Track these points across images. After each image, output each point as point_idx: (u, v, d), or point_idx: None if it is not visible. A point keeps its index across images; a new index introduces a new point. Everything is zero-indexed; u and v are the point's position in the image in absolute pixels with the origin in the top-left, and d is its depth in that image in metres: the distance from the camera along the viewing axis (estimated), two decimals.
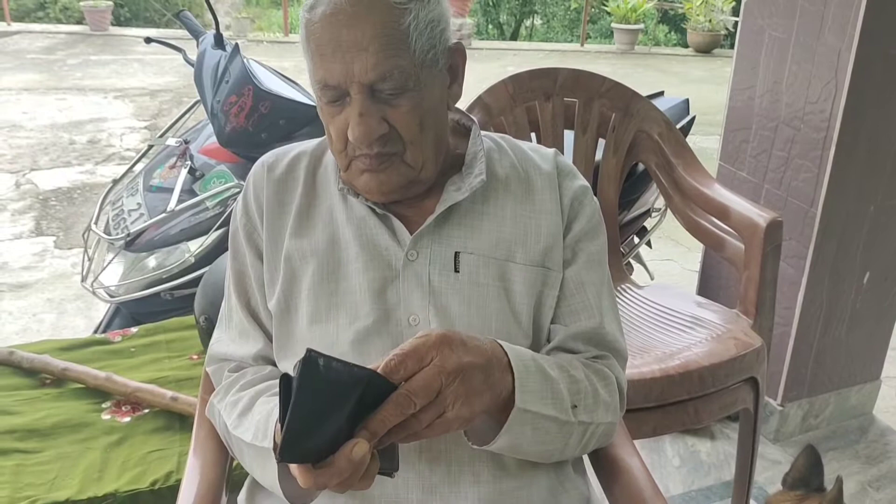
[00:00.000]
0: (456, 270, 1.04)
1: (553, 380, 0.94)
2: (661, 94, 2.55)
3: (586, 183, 1.14)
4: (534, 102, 2.01)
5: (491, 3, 13.16)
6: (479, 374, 0.85)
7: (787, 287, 2.22)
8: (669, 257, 3.85)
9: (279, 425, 0.73)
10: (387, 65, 0.93)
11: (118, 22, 10.66)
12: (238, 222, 1.12)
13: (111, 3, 10.18)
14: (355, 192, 1.06)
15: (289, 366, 1.07)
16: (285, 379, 0.74)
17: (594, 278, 1.09)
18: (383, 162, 0.99)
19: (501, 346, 0.92)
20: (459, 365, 0.82)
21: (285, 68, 2.49)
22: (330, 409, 0.74)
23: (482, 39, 12.15)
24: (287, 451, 0.73)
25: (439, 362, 0.81)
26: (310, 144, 1.15)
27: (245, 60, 2.17)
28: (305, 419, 0.72)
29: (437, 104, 1.02)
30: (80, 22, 10.30)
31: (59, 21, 10.67)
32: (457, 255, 1.05)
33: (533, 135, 2.03)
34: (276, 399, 1.00)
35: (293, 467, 0.78)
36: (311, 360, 0.71)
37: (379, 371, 0.79)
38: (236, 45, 2.22)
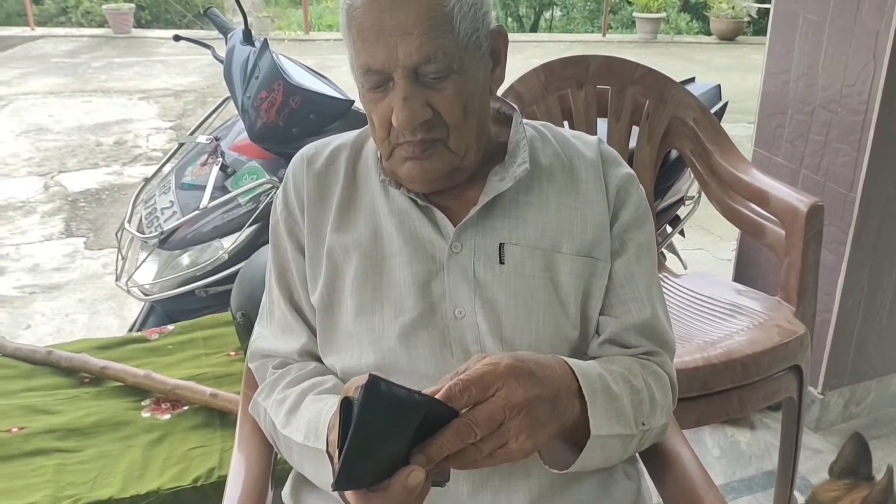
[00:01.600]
0: (501, 262, 1.02)
1: (617, 396, 0.93)
2: (692, 80, 2.51)
3: (631, 171, 1.12)
4: (566, 91, 1.98)
5: None
6: (545, 405, 0.83)
7: (827, 273, 2.18)
8: (701, 246, 3.81)
9: (338, 451, 0.72)
10: (431, 46, 0.92)
11: (139, 24, 10.73)
12: (279, 216, 1.11)
13: (133, 5, 10.26)
14: (397, 184, 1.04)
15: (335, 361, 1.07)
16: (345, 403, 0.73)
17: (643, 269, 1.07)
18: (427, 149, 0.98)
19: (571, 367, 0.89)
20: (526, 399, 0.81)
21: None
22: (390, 435, 0.72)
23: None
24: (344, 478, 0.71)
25: (505, 395, 0.79)
26: (349, 136, 1.14)
27: (274, 55, 2.16)
28: (365, 445, 0.70)
29: (480, 89, 1.00)
30: (102, 25, 10.39)
31: (81, 25, 10.76)
32: (501, 246, 1.03)
33: (566, 123, 2.00)
34: (326, 397, 0.99)
35: (347, 493, 0.77)
36: (373, 385, 0.69)
37: (441, 394, 0.77)
38: (265, 40, 2.21)
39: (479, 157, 1.04)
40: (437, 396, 0.77)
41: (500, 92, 1.38)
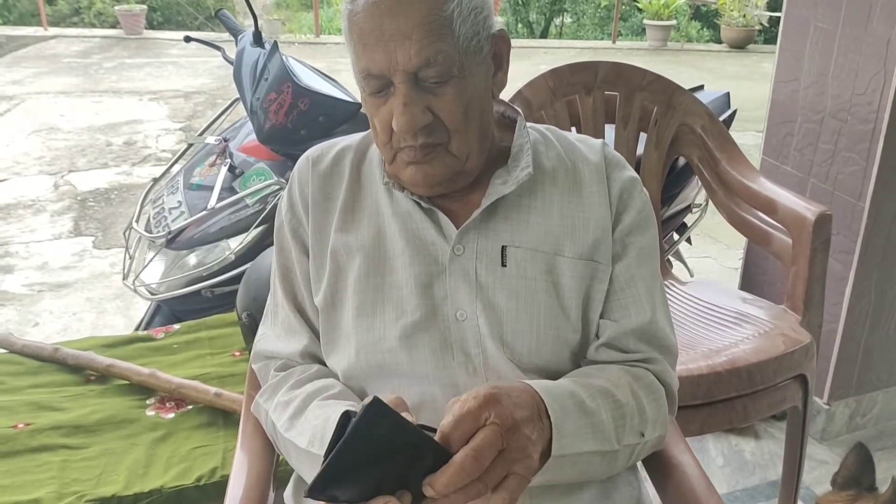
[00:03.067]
0: (503, 264, 1.02)
1: (593, 413, 0.92)
2: (701, 87, 2.51)
3: (635, 174, 1.11)
4: (574, 96, 1.99)
5: (520, 2, 13.10)
6: (530, 424, 0.84)
7: (834, 283, 2.17)
8: (708, 254, 3.80)
9: (324, 459, 0.72)
10: (430, 50, 0.92)
11: (151, 26, 10.77)
12: (283, 217, 1.12)
13: (144, 7, 10.31)
14: (400, 186, 1.05)
15: (336, 361, 1.07)
16: (345, 416, 0.73)
17: (645, 273, 1.07)
18: (428, 153, 0.98)
19: (537, 391, 0.89)
20: (514, 420, 0.81)
21: (317, 69, 2.49)
22: (378, 459, 0.73)
23: (512, 38, 12.09)
24: (319, 487, 0.71)
25: (497, 420, 0.79)
26: (354, 138, 1.15)
27: (284, 58, 2.17)
28: (351, 461, 0.71)
29: (481, 93, 1.00)
30: (114, 26, 10.43)
31: (93, 25, 10.81)
32: (504, 248, 1.03)
33: (573, 129, 2.00)
34: (332, 403, 0.99)
35: None
36: (374, 405, 0.70)
37: (437, 436, 0.77)
38: (275, 42, 2.22)
39: (482, 160, 1.04)
40: (436, 441, 0.77)
41: (507, 96, 1.38)
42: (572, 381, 0.95)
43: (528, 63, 8.19)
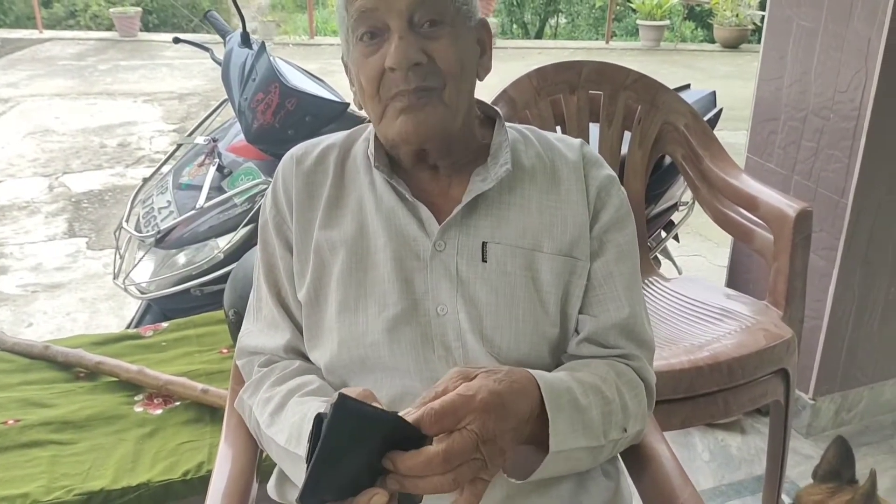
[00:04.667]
0: (483, 260, 1.04)
1: (585, 409, 0.93)
2: (687, 86, 2.53)
3: (613, 173, 1.13)
4: (558, 96, 2.01)
5: (515, 3, 13.11)
6: (510, 434, 0.83)
7: (818, 279, 2.19)
8: (697, 252, 3.83)
9: (306, 465, 0.73)
10: None
11: (146, 28, 10.79)
12: (267, 214, 1.13)
13: (140, 9, 10.32)
14: (389, 171, 1.06)
15: (319, 356, 1.08)
16: (317, 419, 0.74)
17: (623, 269, 1.08)
18: (422, 97, 0.99)
19: (538, 386, 0.89)
20: (496, 433, 0.81)
21: (311, 70, 2.52)
22: (356, 451, 0.74)
23: (507, 39, 12.12)
24: (309, 492, 0.72)
25: (478, 429, 0.79)
26: (339, 136, 1.16)
27: (271, 58, 2.18)
28: (331, 461, 0.72)
29: (471, 57, 1.04)
30: (109, 28, 10.46)
31: (89, 28, 10.82)
32: (484, 244, 1.05)
33: (558, 128, 2.02)
34: (310, 400, 1.01)
35: None
36: (340, 402, 0.71)
37: (412, 420, 0.78)
38: (262, 43, 2.24)
39: (468, 128, 1.07)
40: (408, 421, 0.78)
41: (492, 96, 1.40)
42: (568, 376, 0.97)
43: (521, 64, 8.17)
